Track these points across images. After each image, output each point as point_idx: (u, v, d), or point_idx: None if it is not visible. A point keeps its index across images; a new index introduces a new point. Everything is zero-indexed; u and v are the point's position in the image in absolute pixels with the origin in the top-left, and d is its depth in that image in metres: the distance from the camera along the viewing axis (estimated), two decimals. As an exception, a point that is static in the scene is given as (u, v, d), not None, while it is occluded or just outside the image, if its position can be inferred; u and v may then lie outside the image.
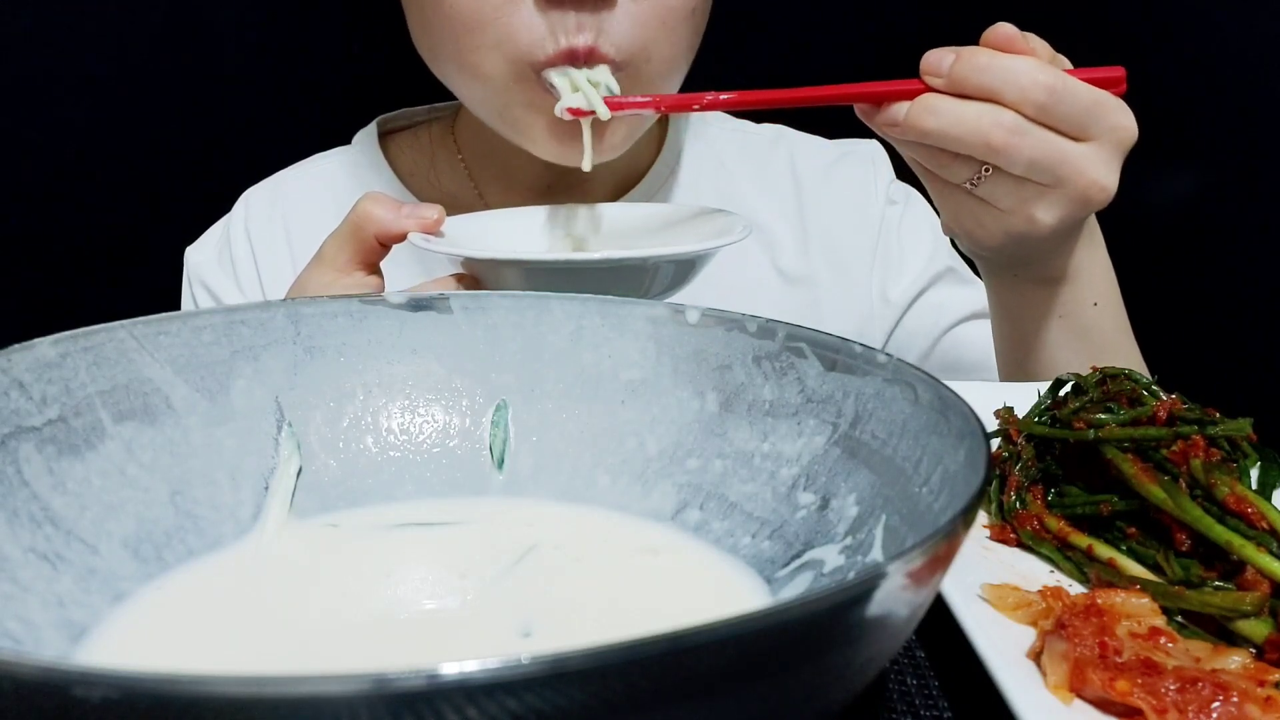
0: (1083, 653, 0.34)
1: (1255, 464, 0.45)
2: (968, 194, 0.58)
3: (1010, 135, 0.54)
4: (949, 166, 0.57)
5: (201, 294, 0.83)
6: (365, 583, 0.38)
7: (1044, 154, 0.54)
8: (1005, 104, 0.54)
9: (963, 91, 0.55)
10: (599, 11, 0.64)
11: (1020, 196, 0.57)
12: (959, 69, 0.55)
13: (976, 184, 0.57)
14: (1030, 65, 0.54)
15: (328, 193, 0.85)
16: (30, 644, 0.32)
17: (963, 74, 0.55)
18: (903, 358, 0.37)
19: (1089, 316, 0.65)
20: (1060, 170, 0.55)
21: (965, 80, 0.55)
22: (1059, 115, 0.54)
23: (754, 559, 0.39)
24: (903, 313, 0.84)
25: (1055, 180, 0.55)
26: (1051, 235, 0.58)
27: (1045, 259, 0.62)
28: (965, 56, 0.55)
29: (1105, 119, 0.55)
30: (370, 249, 0.57)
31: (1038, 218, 0.57)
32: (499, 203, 0.83)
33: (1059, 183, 0.56)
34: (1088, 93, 0.55)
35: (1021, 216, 0.57)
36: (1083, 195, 0.56)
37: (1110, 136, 0.56)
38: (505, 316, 0.45)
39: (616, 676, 0.20)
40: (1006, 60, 0.55)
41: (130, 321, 0.40)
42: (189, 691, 0.19)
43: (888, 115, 0.57)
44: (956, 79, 0.55)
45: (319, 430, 0.43)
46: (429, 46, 0.72)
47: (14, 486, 0.35)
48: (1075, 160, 0.55)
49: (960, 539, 0.26)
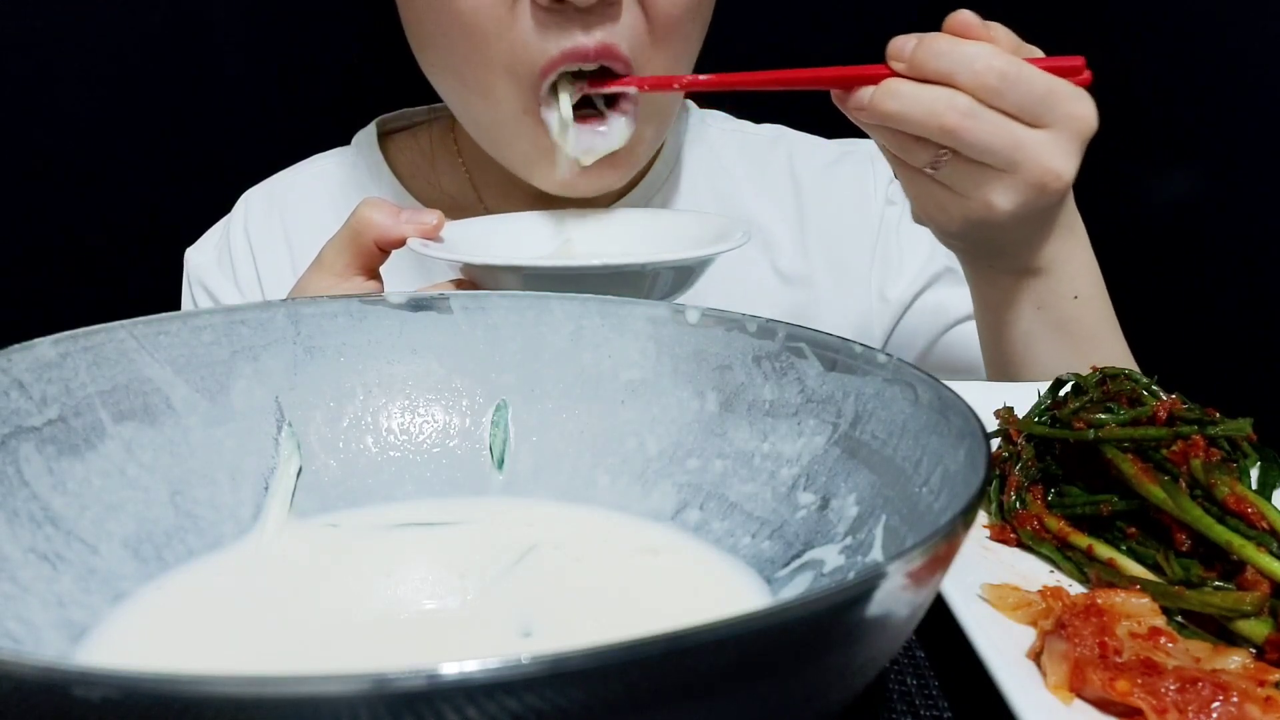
0: (1083, 653, 0.34)
1: (1255, 464, 0.45)
2: (929, 179, 0.59)
3: (963, 118, 0.55)
4: (910, 150, 0.58)
5: (201, 295, 0.83)
6: (365, 583, 0.38)
7: (996, 138, 0.55)
8: (960, 88, 0.55)
9: (922, 75, 0.56)
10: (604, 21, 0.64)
11: (976, 181, 0.57)
12: (918, 53, 0.56)
13: (936, 167, 0.58)
14: (985, 50, 0.55)
15: (327, 194, 0.85)
16: (30, 644, 0.32)
17: (922, 58, 0.55)
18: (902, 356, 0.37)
19: (1068, 309, 0.65)
20: (1014, 155, 0.56)
21: (924, 64, 0.55)
22: (1012, 100, 0.55)
23: (754, 559, 0.39)
24: (902, 312, 0.84)
25: (1009, 165, 0.56)
26: (1011, 221, 0.59)
27: (1017, 249, 0.63)
28: (925, 42, 0.56)
29: (1060, 106, 0.56)
30: (369, 254, 0.57)
31: (994, 203, 0.57)
32: (499, 204, 0.83)
33: (1013, 167, 0.56)
34: (1043, 80, 0.55)
35: (978, 201, 0.58)
36: (1038, 181, 0.56)
37: (1067, 124, 0.56)
38: (505, 317, 0.45)
39: (616, 676, 0.20)
40: (964, 45, 0.55)
41: (130, 321, 0.40)
42: (189, 691, 0.19)
43: (855, 99, 0.58)
44: (916, 63, 0.56)
45: (319, 430, 0.43)
46: (431, 62, 0.72)
47: (14, 486, 0.35)
48: (1029, 146, 0.55)
49: (960, 539, 0.26)
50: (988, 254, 0.64)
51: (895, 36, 0.57)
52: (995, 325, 0.67)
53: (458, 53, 0.67)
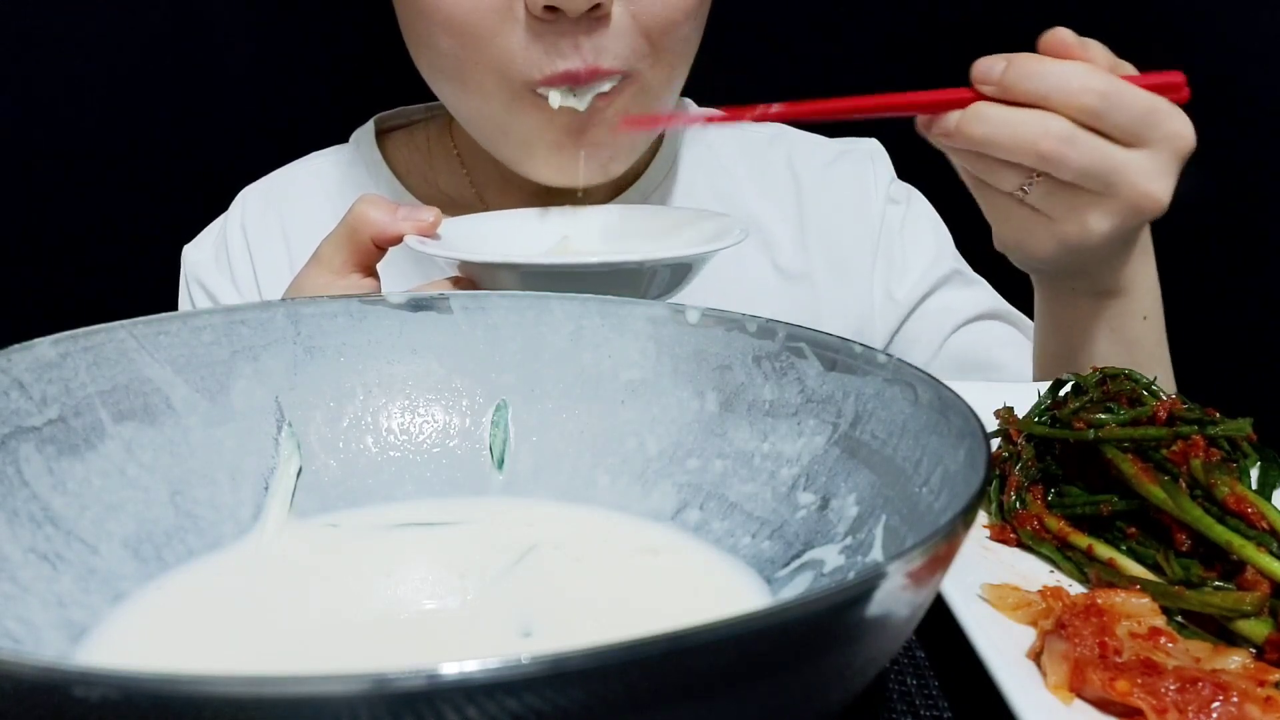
0: (1083, 653, 0.34)
1: (1255, 464, 0.45)
2: (1018, 203, 0.58)
3: (1060, 143, 0.53)
4: (997, 174, 0.57)
5: (199, 293, 0.83)
6: (365, 583, 0.38)
7: (1095, 162, 0.54)
8: (1055, 110, 0.53)
9: (1013, 98, 0.54)
10: (593, 34, 0.64)
11: (1070, 205, 0.56)
12: (1009, 75, 0.54)
13: (1026, 192, 0.56)
14: (1082, 70, 0.54)
15: (324, 191, 0.85)
16: (30, 644, 0.32)
17: (1013, 80, 0.54)
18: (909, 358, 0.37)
19: (1137, 330, 0.64)
20: (1112, 178, 0.54)
21: (1015, 86, 0.54)
22: (1111, 122, 0.53)
23: (754, 559, 0.39)
24: (908, 313, 0.84)
25: (1106, 188, 0.55)
26: (1104, 244, 0.57)
27: (1099, 270, 0.62)
28: (1016, 63, 0.54)
29: (1160, 126, 0.54)
30: (366, 251, 0.57)
31: (1090, 226, 0.56)
32: (496, 201, 0.83)
33: (1110, 190, 0.55)
34: (1143, 99, 0.54)
35: (1074, 225, 0.56)
36: (1135, 205, 0.55)
37: (1165, 144, 0.55)
38: (505, 316, 0.45)
39: (616, 676, 0.20)
40: (1057, 66, 0.54)
41: (130, 321, 0.40)
42: (189, 691, 0.19)
43: (941, 125, 0.56)
44: (1007, 85, 0.54)
45: (319, 430, 0.43)
46: (425, 63, 0.72)
47: (14, 486, 0.35)
48: (1127, 169, 0.54)
49: (960, 539, 0.26)
50: (1070, 276, 0.63)
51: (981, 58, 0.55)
52: (1064, 345, 0.66)
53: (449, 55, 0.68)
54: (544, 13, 0.63)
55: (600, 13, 0.64)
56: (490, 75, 0.67)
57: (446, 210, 0.82)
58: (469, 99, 0.70)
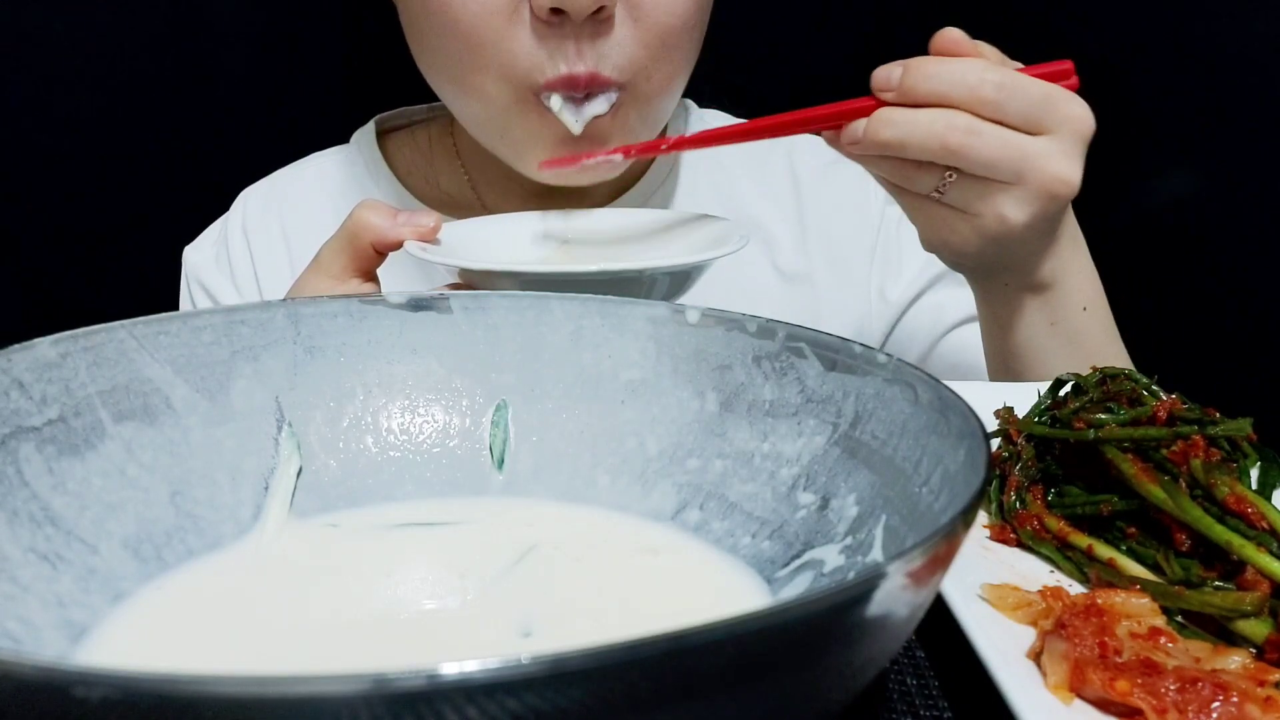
0: (1083, 653, 0.34)
1: (1255, 464, 0.45)
2: (936, 203, 0.59)
3: (965, 135, 0.54)
4: (913, 177, 0.58)
5: (199, 294, 0.83)
6: (365, 583, 0.38)
7: (1001, 150, 0.55)
8: (956, 106, 0.54)
9: (914, 100, 0.55)
10: (596, 38, 0.65)
11: (986, 197, 0.57)
12: (908, 79, 0.55)
13: (943, 191, 0.58)
14: (976, 65, 0.55)
15: (325, 192, 0.85)
16: (30, 644, 0.32)
17: (911, 83, 0.55)
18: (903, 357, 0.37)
19: (1079, 322, 0.65)
20: (1020, 165, 0.55)
21: (915, 89, 0.55)
22: (1011, 111, 0.55)
23: (754, 559, 0.39)
24: (901, 312, 0.84)
25: (1017, 176, 0.56)
26: (1026, 234, 0.58)
27: (1028, 263, 0.62)
28: (912, 67, 0.55)
29: (1058, 110, 0.55)
30: (366, 256, 0.57)
31: (1007, 216, 0.57)
32: (497, 201, 0.83)
33: (1021, 178, 0.56)
34: (1038, 87, 0.55)
35: (991, 217, 0.57)
36: (1047, 189, 0.56)
37: (1066, 128, 0.56)
38: (505, 316, 0.45)
39: (616, 676, 0.20)
40: (953, 64, 0.55)
41: (130, 321, 0.40)
42: (189, 691, 0.19)
43: (849, 134, 0.57)
44: (906, 89, 0.55)
45: (319, 430, 0.43)
46: (428, 64, 0.72)
47: (14, 486, 0.35)
48: (1034, 155, 0.55)
49: (960, 539, 0.26)
50: (1001, 271, 0.64)
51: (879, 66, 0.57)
52: (1007, 344, 0.67)
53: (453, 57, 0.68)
54: (549, 15, 0.63)
55: (604, 15, 0.64)
56: (493, 78, 0.67)
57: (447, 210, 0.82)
58: (471, 101, 0.71)
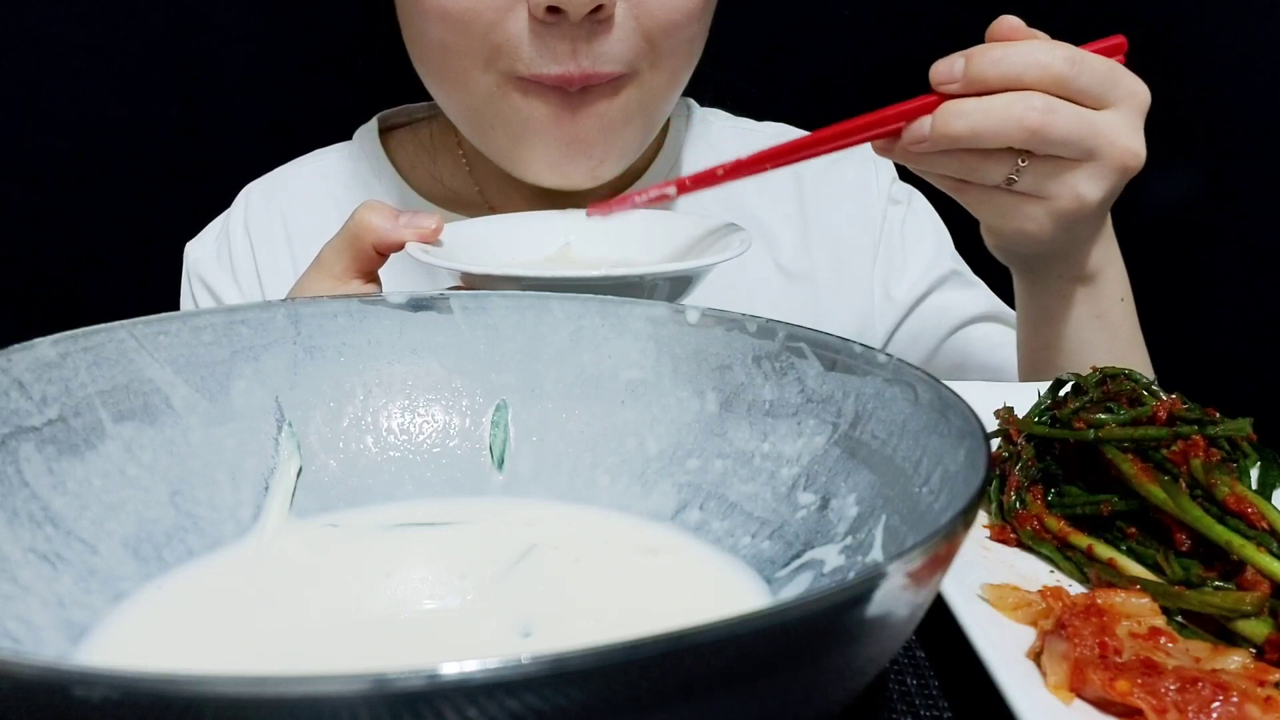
0: (1083, 653, 0.34)
1: (1255, 464, 0.45)
2: (1008, 192, 0.58)
3: (1044, 114, 0.54)
4: (983, 168, 0.57)
5: (200, 290, 0.83)
6: (365, 583, 0.38)
7: (1078, 127, 0.55)
8: (1029, 86, 0.54)
9: (984, 88, 0.55)
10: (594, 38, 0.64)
11: (1060, 178, 0.57)
12: (974, 68, 0.55)
13: (1016, 178, 0.57)
14: (1043, 44, 0.55)
15: (327, 188, 0.85)
16: (30, 644, 0.32)
17: (979, 69, 0.54)
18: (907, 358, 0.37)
19: (1117, 314, 0.65)
20: (1094, 141, 0.55)
21: (983, 75, 0.54)
22: (1081, 87, 0.55)
23: (754, 559, 0.39)
24: (906, 313, 0.84)
25: (1090, 153, 0.56)
26: (1099, 211, 0.58)
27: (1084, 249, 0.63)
28: (977, 54, 0.55)
29: (1121, 84, 0.56)
30: (368, 257, 0.56)
31: (1083, 194, 0.57)
32: (499, 197, 0.83)
33: (1094, 154, 0.56)
34: (1103, 62, 0.55)
35: (1068, 197, 0.57)
36: (1119, 163, 0.56)
37: (1130, 101, 0.56)
38: (505, 316, 0.45)
39: (616, 676, 0.20)
40: (1019, 46, 0.55)
41: (130, 321, 0.40)
42: (189, 691, 0.19)
43: (912, 134, 0.56)
44: (974, 77, 0.55)
45: (319, 430, 0.43)
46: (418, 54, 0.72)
47: (14, 486, 0.35)
48: (1106, 129, 0.55)
49: (960, 539, 0.26)
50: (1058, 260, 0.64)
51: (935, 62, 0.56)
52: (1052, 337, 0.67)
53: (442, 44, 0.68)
54: (546, 15, 0.63)
55: (603, 15, 0.64)
56: (480, 65, 0.67)
57: (450, 206, 0.82)
58: (457, 92, 0.70)
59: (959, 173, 0.58)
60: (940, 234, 0.87)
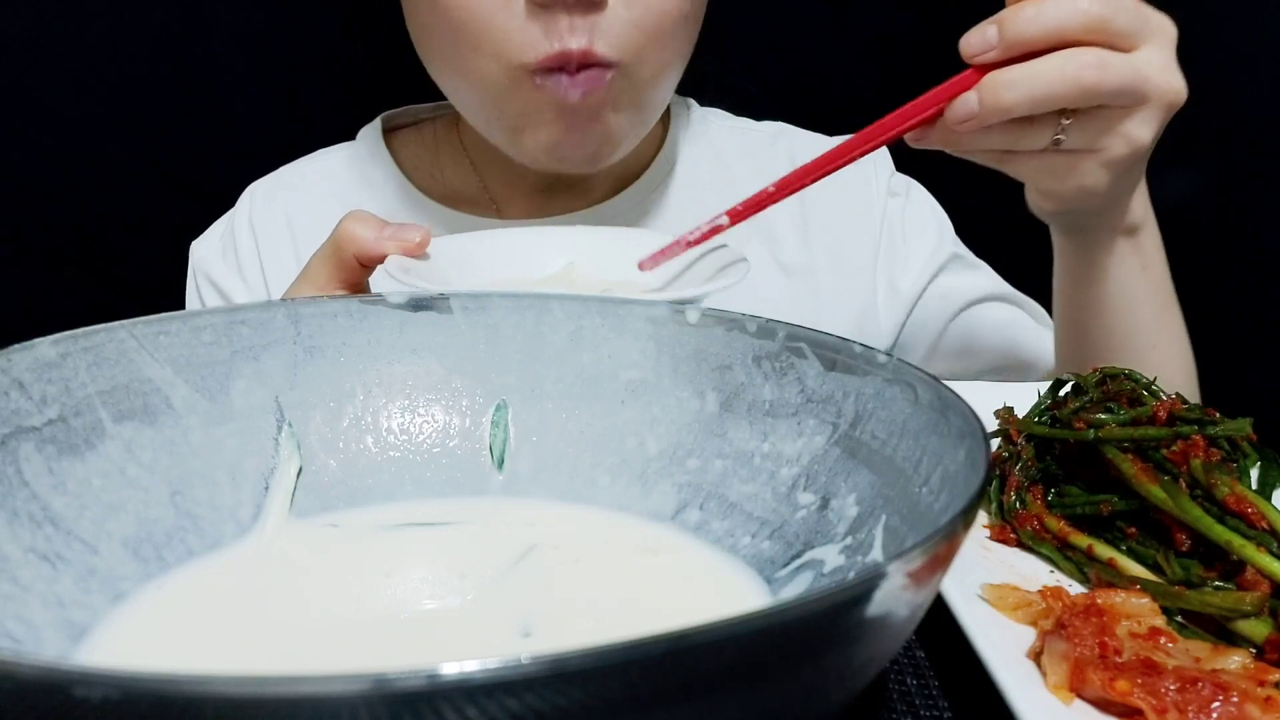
0: (1083, 653, 0.34)
1: (1255, 464, 0.45)
2: (1057, 153, 0.57)
3: (1097, 70, 0.52)
4: (1027, 135, 0.55)
5: (206, 288, 0.84)
6: (365, 583, 0.38)
7: (1128, 74, 0.53)
8: (1071, 40, 0.52)
9: (1026, 49, 0.53)
10: (589, 14, 0.65)
11: (1110, 128, 0.56)
12: (1011, 30, 0.52)
13: (1062, 140, 0.55)
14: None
15: (331, 186, 0.85)
16: (30, 644, 0.32)
17: (1015, 33, 0.52)
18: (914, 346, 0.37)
19: (1159, 267, 0.66)
20: (1144, 85, 0.54)
21: (1020, 37, 0.52)
22: (1118, 29, 0.53)
23: (754, 559, 0.39)
24: (913, 303, 0.84)
25: (1138, 98, 0.54)
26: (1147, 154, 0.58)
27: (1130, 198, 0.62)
28: (1009, 17, 0.53)
29: (1151, 20, 0.55)
30: (351, 269, 0.55)
31: (1136, 138, 0.56)
32: (503, 194, 0.83)
33: (1141, 98, 0.55)
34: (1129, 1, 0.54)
35: (1120, 145, 0.56)
36: (1166, 100, 0.55)
37: (1160, 35, 0.55)
38: (505, 316, 0.45)
39: (616, 676, 0.20)
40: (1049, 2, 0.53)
41: (130, 321, 0.40)
42: (189, 691, 0.19)
43: (955, 113, 0.54)
44: (1013, 41, 0.52)
45: (319, 430, 0.43)
46: (425, 50, 0.73)
47: (14, 486, 0.35)
48: (1149, 70, 0.54)
49: (960, 539, 0.26)
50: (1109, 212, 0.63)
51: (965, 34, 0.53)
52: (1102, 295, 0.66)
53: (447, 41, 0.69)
54: None
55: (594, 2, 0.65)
56: (486, 59, 0.67)
57: (455, 205, 0.82)
58: (465, 85, 0.71)
59: (1004, 144, 0.56)
60: (941, 222, 0.87)
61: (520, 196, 0.83)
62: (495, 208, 0.83)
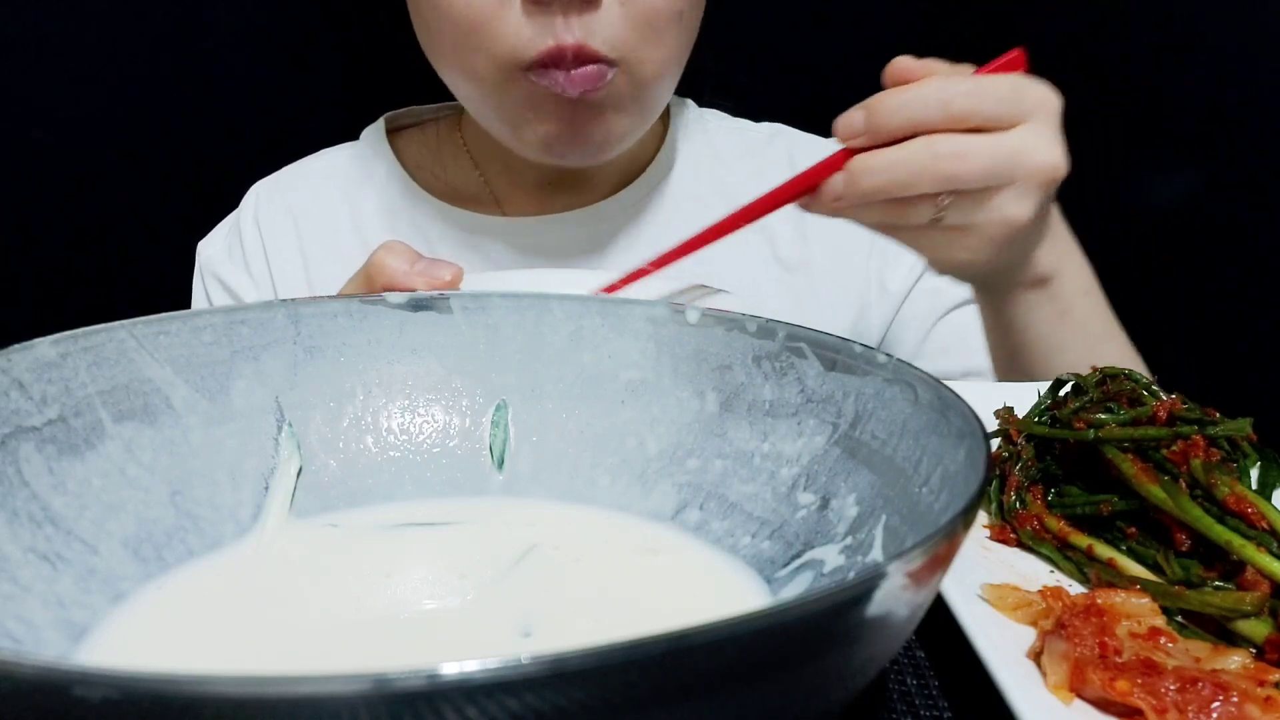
0: (1083, 653, 0.34)
1: (1255, 464, 0.45)
2: (939, 230, 0.58)
3: (954, 159, 0.53)
4: (907, 213, 0.56)
5: (214, 286, 0.85)
6: (365, 583, 0.38)
7: (992, 158, 0.54)
8: (933, 129, 0.53)
9: (887, 138, 0.54)
10: (584, 12, 0.66)
11: (985, 206, 0.56)
12: (873, 119, 0.54)
13: (941, 216, 0.56)
14: (937, 83, 0.54)
15: (334, 184, 0.86)
16: (30, 644, 0.32)
17: (879, 121, 0.54)
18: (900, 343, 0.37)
19: (1083, 309, 0.64)
20: (1012, 165, 0.54)
21: (884, 126, 0.53)
22: (986, 114, 0.54)
23: (754, 559, 0.39)
24: (901, 302, 0.84)
25: (1009, 177, 0.55)
26: (1031, 226, 0.58)
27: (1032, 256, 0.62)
28: (874, 105, 0.54)
29: (1027, 98, 0.54)
30: None
31: (1013, 217, 0.56)
32: (506, 192, 0.84)
33: (1013, 177, 0.55)
34: (1002, 81, 0.54)
35: (997, 223, 0.57)
36: (1041, 178, 0.55)
37: (1039, 112, 0.55)
38: (505, 316, 0.45)
39: (616, 676, 0.20)
40: (915, 90, 0.54)
41: (130, 321, 0.40)
42: (189, 691, 0.19)
43: (827, 193, 0.55)
44: (875, 129, 0.54)
45: (319, 430, 0.43)
46: (428, 47, 0.74)
47: (14, 486, 0.35)
48: (1020, 150, 0.54)
49: (960, 539, 0.26)
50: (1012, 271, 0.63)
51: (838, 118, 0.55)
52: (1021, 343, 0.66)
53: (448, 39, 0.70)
54: None
55: None
56: (484, 57, 0.68)
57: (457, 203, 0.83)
58: (465, 81, 0.72)
59: (884, 219, 0.57)
60: None
61: (522, 194, 0.83)
62: (498, 205, 0.84)
